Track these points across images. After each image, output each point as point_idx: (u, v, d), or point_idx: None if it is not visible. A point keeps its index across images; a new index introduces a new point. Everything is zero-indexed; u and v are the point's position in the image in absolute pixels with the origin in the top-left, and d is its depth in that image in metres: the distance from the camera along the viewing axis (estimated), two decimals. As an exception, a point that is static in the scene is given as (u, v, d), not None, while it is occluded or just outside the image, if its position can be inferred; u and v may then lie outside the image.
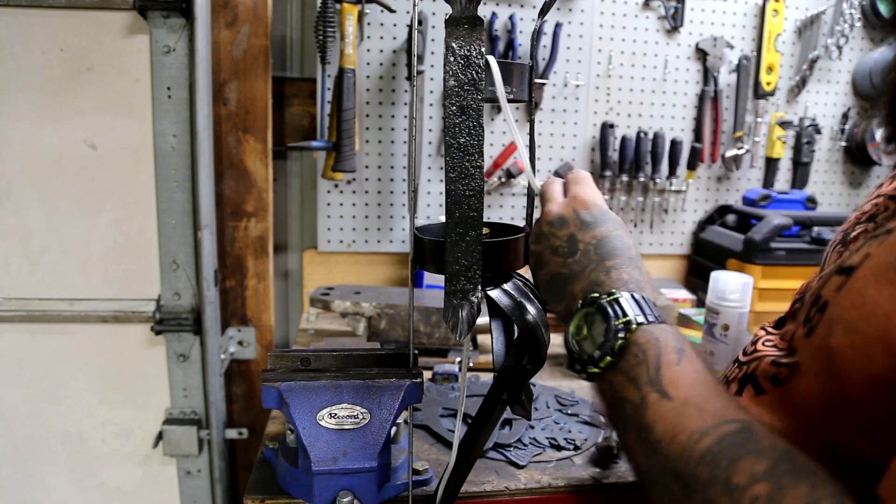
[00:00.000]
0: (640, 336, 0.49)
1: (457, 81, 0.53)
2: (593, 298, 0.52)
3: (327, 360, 0.72)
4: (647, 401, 0.45)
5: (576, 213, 0.57)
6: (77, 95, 1.21)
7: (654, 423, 0.44)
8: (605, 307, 0.50)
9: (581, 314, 0.52)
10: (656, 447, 0.43)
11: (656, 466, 0.43)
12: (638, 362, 0.47)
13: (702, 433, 0.41)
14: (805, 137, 1.64)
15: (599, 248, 0.55)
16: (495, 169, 1.52)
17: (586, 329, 0.52)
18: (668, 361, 0.47)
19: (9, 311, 1.25)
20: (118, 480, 1.38)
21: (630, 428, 0.46)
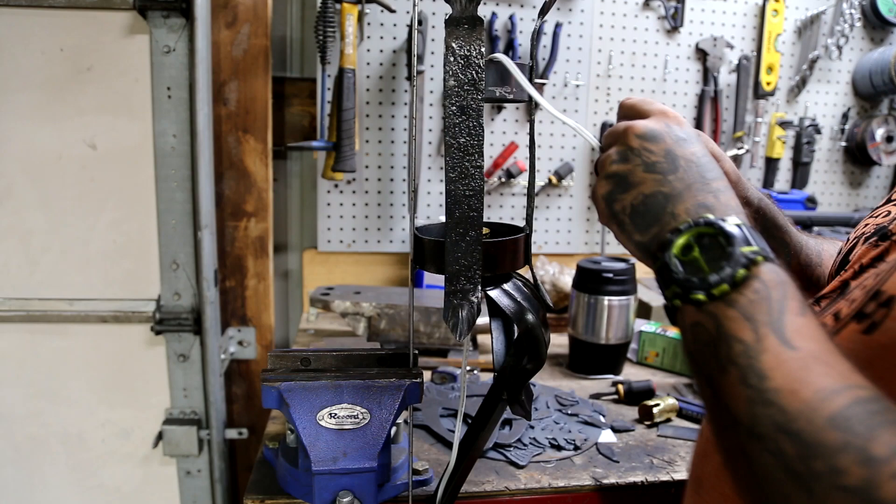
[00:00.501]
0: (766, 272, 0.42)
1: (457, 81, 0.53)
2: (710, 220, 0.45)
3: (327, 360, 0.72)
4: (765, 343, 0.40)
5: (669, 126, 0.51)
6: (77, 95, 1.21)
7: (771, 369, 0.39)
8: (730, 231, 0.44)
9: (693, 233, 0.46)
10: (771, 398, 0.38)
11: (766, 419, 0.38)
12: (759, 299, 0.42)
13: (831, 392, 0.36)
14: (805, 137, 1.64)
15: (701, 166, 0.49)
16: (495, 169, 1.52)
17: (697, 250, 0.45)
18: (793, 308, 0.41)
19: (9, 311, 1.25)
20: (118, 480, 1.38)
21: (732, 370, 0.41)
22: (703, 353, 0.44)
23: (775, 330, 0.40)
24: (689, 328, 0.45)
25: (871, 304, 0.47)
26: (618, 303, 1.14)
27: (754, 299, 0.42)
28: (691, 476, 0.65)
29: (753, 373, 0.39)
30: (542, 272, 1.48)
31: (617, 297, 1.14)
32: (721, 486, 0.58)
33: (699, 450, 0.64)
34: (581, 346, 1.18)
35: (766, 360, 0.39)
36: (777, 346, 0.39)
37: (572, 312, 1.19)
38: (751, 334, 0.41)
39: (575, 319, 1.18)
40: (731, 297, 0.42)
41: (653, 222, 0.49)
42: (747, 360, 0.40)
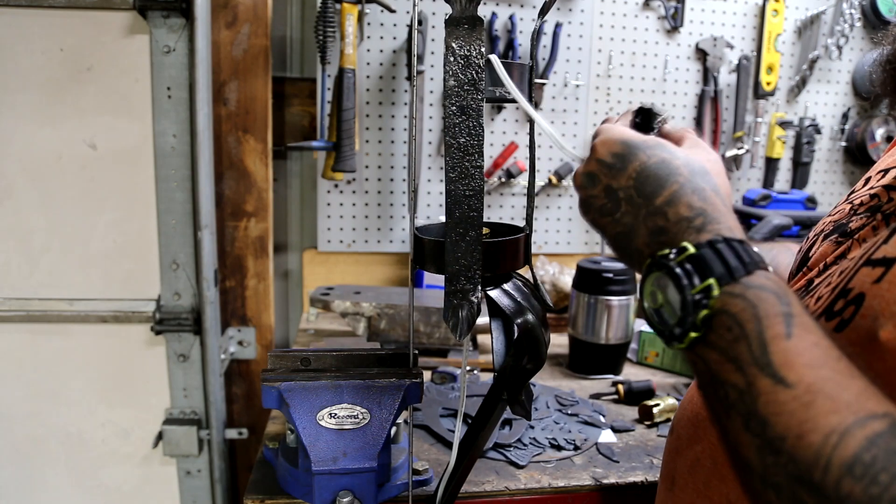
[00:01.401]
0: (730, 303, 0.39)
1: (457, 81, 0.53)
2: (661, 258, 0.43)
3: (327, 360, 0.72)
4: (757, 388, 0.37)
5: (599, 161, 0.49)
6: (77, 95, 1.21)
7: (771, 415, 0.36)
8: (676, 272, 0.41)
9: (652, 278, 0.44)
10: (778, 446, 0.36)
11: (778, 470, 0.35)
12: (734, 338, 0.39)
13: (842, 433, 0.33)
14: (805, 137, 1.64)
15: (640, 187, 0.46)
16: (495, 169, 1.52)
17: (661, 296, 0.43)
18: (774, 336, 0.37)
19: (9, 311, 1.25)
20: (118, 480, 1.38)
21: (735, 416, 0.38)
22: (706, 393, 0.42)
23: (763, 368, 0.37)
24: (690, 365, 0.43)
25: (840, 301, 0.46)
26: (618, 303, 1.14)
27: (730, 338, 0.39)
28: (663, 473, 0.65)
29: (756, 419, 0.37)
30: (542, 272, 1.48)
31: (617, 297, 1.14)
32: (695, 482, 0.58)
33: (671, 447, 0.64)
34: (581, 346, 1.18)
35: (762, 404, 0.37)
36: (770, 387, 0.37)
37: (572, 312, 1.19)
38: (740, 378, 0.38)
39: (575, 319, 1.18)
40: (708, 339, 0.40)
41: (631, 260, 0.49)
42: (745, 406, 0.38)
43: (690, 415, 0.62)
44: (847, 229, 0.57)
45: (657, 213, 0.45)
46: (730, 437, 0.40)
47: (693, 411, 0.62)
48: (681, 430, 0.63)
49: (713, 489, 0.56)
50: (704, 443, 0.58)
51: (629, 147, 0.48)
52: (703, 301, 0.40)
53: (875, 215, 0.54)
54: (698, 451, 0.59)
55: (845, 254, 0.55)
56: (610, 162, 0.48)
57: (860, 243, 0.53)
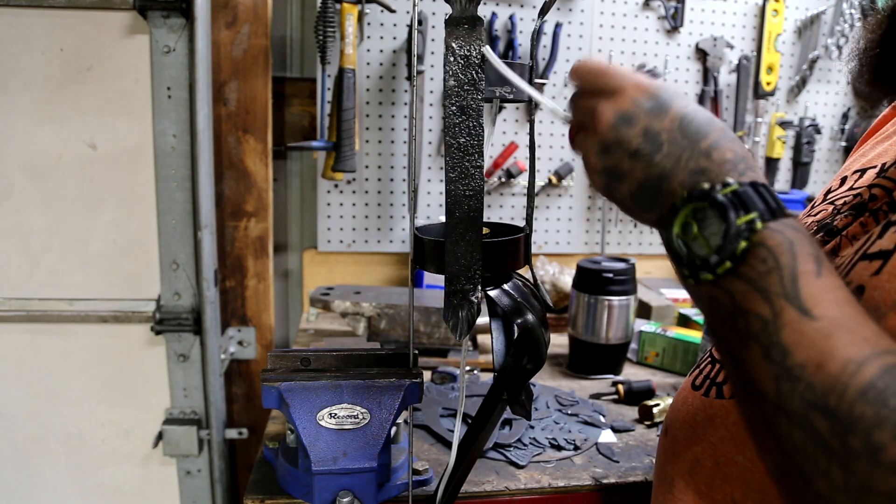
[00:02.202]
0: (769, 237, 0.40)
1: (457, 81, 0.53)
2: (703, 191, 0.43)
3: (327, 360, 0.72)
4: (784, 317, 0.38)
5: (636, 101, 0.47)
6: (77, 95, 1.21)
7: (793, 344, 0.38)
8: (721, 201, 0.42)
9: (688, 209, 0.44)
10: (797, 373, 0.37)
11: (795, 396, 0.37)
12: (768, 269, 0.40)
13: (860, 363, 0.35)
14: (805, 137, 1.64)
15: (685, 129, 0.46)
16: (495, 169, 1.52)
17: (696, 227, 0.43)
18: (806, 272, 0.39)
19: (9, 311, 1.25)
20: (118, 480, 1.38)
21: (754, 346, 0.40)
22: (722, 328, 0.43)
23: (791, 300, 0.39)
24: (706, 302, 0.44)
25: None
26: (618, 303, 1.14)
27: (763, 270, 0.40)
28: (660, 477, 0.65)
29: (776, 349, 0.38)
30: (542, 272, 1.48)
31: (617, 297, 1.14)
32: (696, 483, 0.58)
33: (666, 449, 0.64)
34: (581, 346, 1.18)
35: (786, 334, 0.38)
36: (796, 318, 0.38)
37: (572, 312, 1.19)
38: (767, 308, 0.39)
39: (575, 319, 1.18)
40: (739, 270, 0.41)
41: (653, 204, 0.47)
42: (767, 336, 0.39)
43: (686, 416, 0.62)
44: (833, 228, 0.57)
45: (702, 154, 0.45)
46: (744, 368, 0.41)
47: (688, 413, 0.62)
48: (676, 432, 0.63)
49: (716, 489, 0.56)
50: (704, 444, 0.58)
51: (665, 91, 0.48)
52: (744, 232, 0.41)
53: (862, 213, 0.55)
54: (698, 452, 0.59)
55: (835, 251, 0.55)
56: (649, 105, 0.47)
57: (850, 240, 0.54)
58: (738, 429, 0.55)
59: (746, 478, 0.54)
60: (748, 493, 0.53)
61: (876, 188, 0.55)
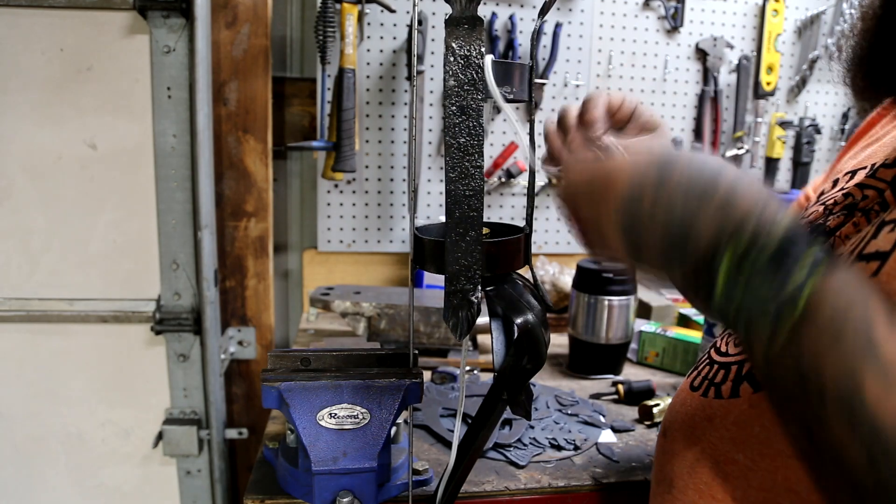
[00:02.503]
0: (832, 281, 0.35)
1: (457, 81, 0.53)
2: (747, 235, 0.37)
3: (327, 360, 0.72)
4: (863, 375, 0.33)
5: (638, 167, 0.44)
6: (77, 95, 1.21)
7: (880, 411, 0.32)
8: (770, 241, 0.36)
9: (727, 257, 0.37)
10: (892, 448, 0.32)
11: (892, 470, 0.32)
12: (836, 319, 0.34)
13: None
14: (805, 137, 1.64)
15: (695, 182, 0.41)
16: (495, 169, 1.52)
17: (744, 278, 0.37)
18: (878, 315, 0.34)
19: (9, 311, 1.25)
20: (118, 480, 1.38)
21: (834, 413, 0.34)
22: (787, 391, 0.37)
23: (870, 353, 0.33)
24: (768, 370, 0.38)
25: None
26: (618, 303, 1.14)
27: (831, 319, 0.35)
28: (658, 477, 0.65)
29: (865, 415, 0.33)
30: (542, 272, 1.48)
31: (617, 297, 1.14)
32: (695, 483, 0.58)
33: (665, 450, 0.64)
34: (581, 346, 1.18)
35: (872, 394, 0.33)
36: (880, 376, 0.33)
37: (572, 312, 1.19)
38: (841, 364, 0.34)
39: (575, 319, 1.18)
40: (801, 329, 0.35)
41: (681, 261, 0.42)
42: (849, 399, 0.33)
43: (684, 417, 0.62)
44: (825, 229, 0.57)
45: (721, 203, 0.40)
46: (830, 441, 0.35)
47: (687, 414, 0.62)
48: (675, 433, 0.63)
49: (716, 489, 0.56)
50: (704, 443, 0.58)
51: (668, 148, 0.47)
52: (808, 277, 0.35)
53: (853, 213, 0.55)
54: (697, 451, 0.59)
55: None
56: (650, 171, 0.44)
57: (843, 240, 0.54)
58: (738, 428, 0.55)
59: (747, 476, 0.54)
60: (749, 492, 0.54)
61: (867, 188, 0.55)
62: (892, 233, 0.46)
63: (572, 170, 0.50)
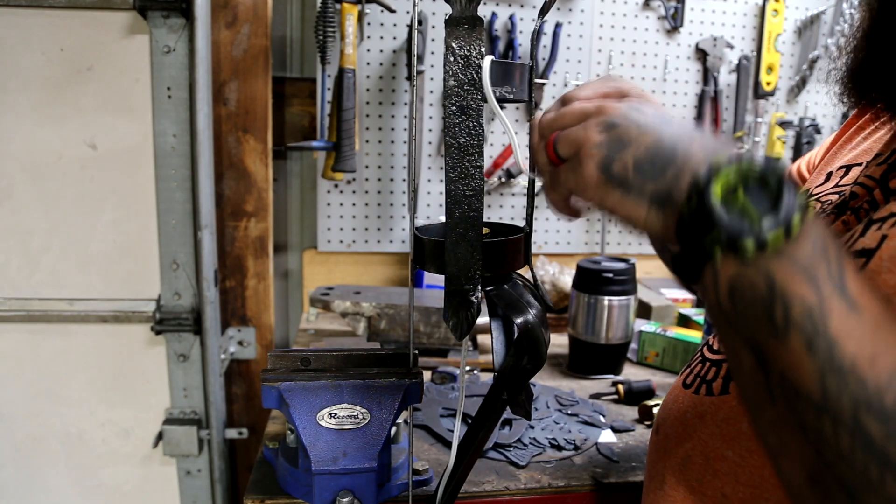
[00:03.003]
0: (818, 223, 0.37)
1: (457, 81, 0.53)
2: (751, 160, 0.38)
3: (327, 360, 0.72)
4: (830, 306, 0.35)
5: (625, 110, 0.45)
6: (77, 95, 1.21)
7: (841, 336, 0.34)
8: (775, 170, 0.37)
9: (734, 171, 0.37)
10: (846, 368, 0.34)
11: (844, 392, 0.34)
12: (817, 252, 0.36)
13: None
14: (805, 137, 1.64)
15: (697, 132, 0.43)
16: (495, 169, 1.52)
17: (741, 192, 0.37)
18: (850, 263, 0.36)
19: (9, 311, 1.25)
20: (118, 480, 1.38)
21: (794, 336, 0.35)
22: (747, 315, 0.38)
23: (839, 289, 0.35)
24: (725, 285, 0.38)
25: None
26: (618, 303, 1.14)
27: (812, 253, 0.36)
28: (651, 474, 0.65)
29: (821, 339, 0.35)
30: (542, 272, 1.48)
31: (617, 297, 1.14)
32: (686, 479, 0.59)
33: (658, 447, 0.65)
34: (581, 346, 1.18)
35: (834, 324, 0.35)
36: (843, 309, 0.35)
37: (572, 312, 1.19)
38: (813, 294, 0.35)
39: (575, 319, 1.18)
40: (785, 249, 0.36)
41: (667, 165, 0.42)
42: (811, 323, 0.35)
43: (677, 414, 0.62)
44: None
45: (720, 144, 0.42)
46: (780, 362, 0.37)
47: (679, 411, 0.62)
48: (667, 430, 0.63)
49: (706, 485, 0.56)
50: (695, 440, 0.59)
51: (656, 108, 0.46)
52: (800, 207, 0.36)
53: (844, 211, 0.55)
54: (688, 448, 0.59)
55: None
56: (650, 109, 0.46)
57: None
58: (728, 425, 0.55)
59: (736, 472, 0.54)
60: (738, 488, 0.54)
61: (857, 186, 0.55)
62: (879, 231, 0.46)
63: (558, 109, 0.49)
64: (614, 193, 0.44)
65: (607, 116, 0.45)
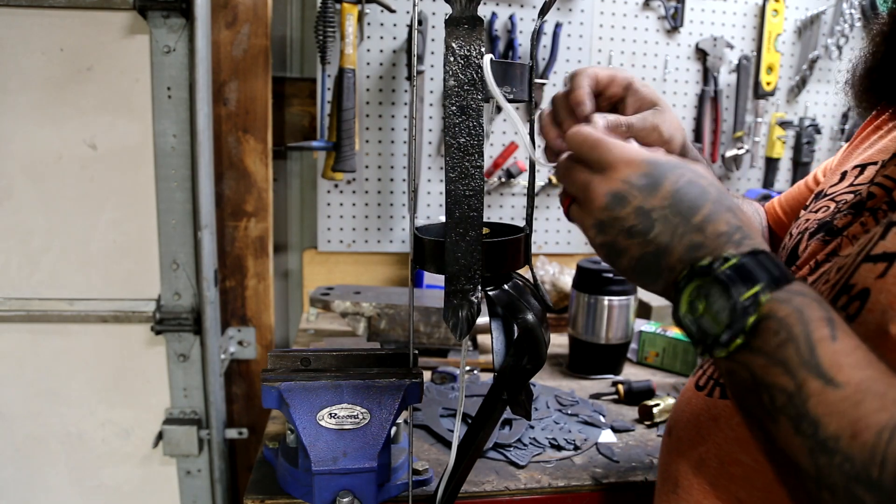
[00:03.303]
0: (777, 308, 0.40)
1: (457, 81, 0.53)
2: (703, 267, 0.43)
3: (327, 360, 0.72)
4: (808, 388, 0.38)
5: (628, 180, 0.47)
6: (77, 95, 1.21)
7: (823, 416, 0.37)
8: (722, 278, 0.41)
9: (692, 288, 0.43)
10: (832, 447, 0.36)
11: (834, 470, 0.36)
12: (782, 341, 0.39)
13: (893, 429, 0.35)
14: (805, 137, 1.64)
15: (677, 205, 0.45)
16: (495, 169, 1.52)
17: (702, 305, 0.42)
18: (821, 338, 0.39)
19: (9, 311, 1.25)
20: (118, 480, 1.38)
21: (783, 420, 0.39)
22: (746, 401, 0.42)
23: (812, 369, 0.38)
24: (726, 376, 0.43)
25: (843, 297, 0.47)
26: (618, 303, 1.14)
27: (777, 342, 0.39)
28: (663, 476, 0.65)
29: (805, 421, 0.38)
30: (542, 272, 1.48)
31: (617, 297, 1.14)
32: (700, 483, 0.58)
33: (671, 449, 0.64)
34: (581, 346, 1.18)
35: (813, 405, 0.37)
36: (820, 388, 0.37)
37: (572, 312, 1.19)
38: (789, 380, 0.39)
39: (575, 319, 1.18)
40: (752, 345, 0.40)
41: (655, 278, 0.47)
42: (794, 408, 0.38)
43: (690, 416, 0.62)
44: (833, 227, 0.57)
45: (695, 229, 0.45)
46: (777, 443, 0.40)
47: (692, 413, 0.62)
48: (680, 432, 0.63)
49: (721, 489, 0.56)
50: (709, 444, 0.58)
51: (658, 166, 0.47)
52: (751, 307, 0.40)
53: (861, 212, 0.54)
54: (702, 451, 0.59)
55: (836, 251, 0.55)
56: (640, 183, 0.47)
57: (850, 240, 0.54)
58: (742, 429, 0.55)
59: (752, 477, 0.54)
60: (753, 493, 0.54)
61: (875, 186, 0.55)
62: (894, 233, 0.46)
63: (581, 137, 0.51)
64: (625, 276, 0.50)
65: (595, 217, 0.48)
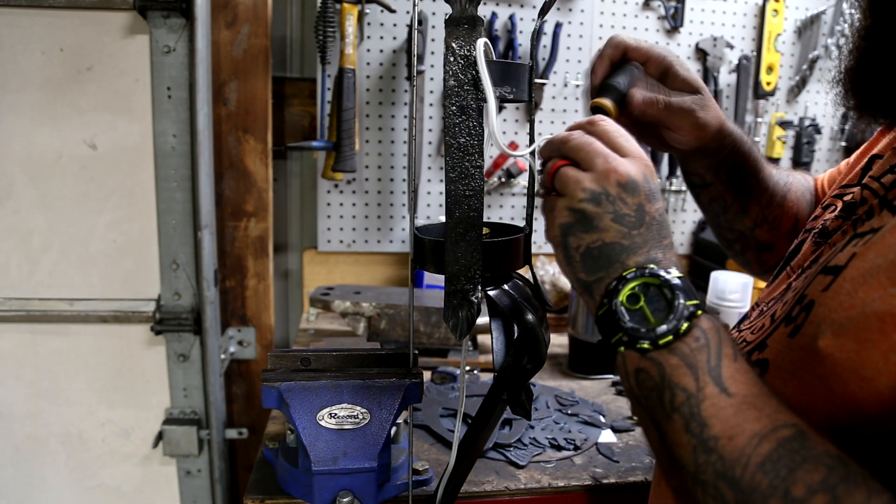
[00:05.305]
0: (704, 321, 0.46)
1: (457, 81, 0.53)
2: (654, 272, 0.47)
3: (327, 360, 0.72)
4: (705, 392, 0.43)
5: (646, 179, 0.51)
6: (77, 95, 1.21)
7: (710, 418, 0.42)
8: (675, 283, 0.47)
9: (640, 282, 0.48)
10: (711, 445, 0.41)
11: (708, 467, 0.41)
12: (699, 346, 0.45)
13: (760, 437, 0.40)
14: (805, 137, 1.64)
15: (661, 225, 0.51)
16: (495, 169, 1.52)
17: (643, 300, 0.47)
18: (727, 354, 0.44)
19: (9, 311, 1.25)
20: (118, 480, 1.38)
21: (677, 417, 0.44)
22: (648, 399, 0.46)
23: (714, 377, 0.43)
24: (632, 373, 0.47)
25: (797, 307, 0.49)
26: (618, 303, 1.14)
27: (695, 347, 0.45)
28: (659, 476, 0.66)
29: (695, 420, 0.43)
30: (542, 272, 1.48)
31: (617, 297, 1.13)
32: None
33: None
34: (581, 346, 1.18)
35: (705, 407, 0.42)
36: (715, 395, 0.43)
37: (572, 312, 1.19)
38: (692, 382, 0.44)
39: (575, 319, 1.18)
40: (674, 345, 0.45)
41: (603, 267, 0.50)
42: (689, 408, 0.43)
43: None
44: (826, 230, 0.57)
45: (661, 248, 0.50)
46: (667, 439, 0.45)
47: None
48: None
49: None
50: None
51: (657, 185, 0.52)
52: (690, 314, 0.46)
53: (850, 217, 0.54)
54: None
55: (818, 258, 0.55)
56: (652, 188, 0.51)
57: (831, 247, 0.54)
58: None
59: None
60: None
61: (867, 191, 0.54)
62: (854, 247, 0.46)
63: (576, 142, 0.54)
64: (558, 250, 0.53)
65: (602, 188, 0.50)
